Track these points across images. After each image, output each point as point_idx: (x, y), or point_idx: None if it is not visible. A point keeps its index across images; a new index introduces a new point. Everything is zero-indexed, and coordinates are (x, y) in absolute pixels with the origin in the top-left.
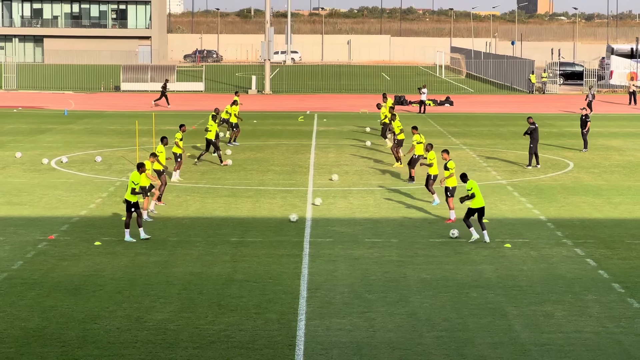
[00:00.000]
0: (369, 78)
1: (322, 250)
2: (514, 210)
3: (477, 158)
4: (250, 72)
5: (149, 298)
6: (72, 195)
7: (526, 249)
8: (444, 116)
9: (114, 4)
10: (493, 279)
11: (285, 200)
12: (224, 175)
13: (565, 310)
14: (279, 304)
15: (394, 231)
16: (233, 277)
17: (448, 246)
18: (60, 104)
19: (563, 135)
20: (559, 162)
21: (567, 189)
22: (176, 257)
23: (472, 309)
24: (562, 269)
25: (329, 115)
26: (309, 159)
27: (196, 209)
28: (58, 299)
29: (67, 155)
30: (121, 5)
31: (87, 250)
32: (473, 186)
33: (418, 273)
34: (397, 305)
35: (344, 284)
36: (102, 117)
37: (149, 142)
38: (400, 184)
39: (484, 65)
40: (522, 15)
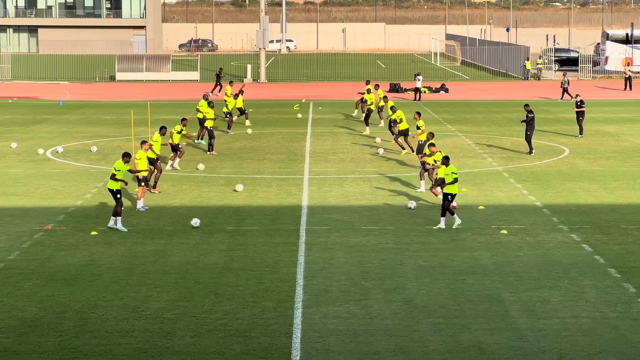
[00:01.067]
0: (364, 66)
1: (318, 238)
2: (510, 197)
3: (472, 145)
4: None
5: (145, 287)
6: (68, 185)
7: (522, 235)
8: (440, 103)
9: None
10: (489, 265)
11: (281, 189)
12: (219, 164)
13: (562, 296)
14: (275, 292)
15: (390, 218)
16: (229, 265)
17: (444, 233)
18: (56, 94)
19: (558, 121)
20: (554, 148)
21: (562, 175)
22: (172, 246)
23: (469, 295)
24: (558, 254)
25: (324, 103)
26: (304, 147)
27: (192, 198)
28: (55, 288)
29: (62, 145)
30: None
31: (83, 240)
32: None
33: (415, 260)
34: (394, 292)
35: (341, 271)
36: (98, 107)
37: (145, 132)
38: (396, 172)
39: (479, 52)
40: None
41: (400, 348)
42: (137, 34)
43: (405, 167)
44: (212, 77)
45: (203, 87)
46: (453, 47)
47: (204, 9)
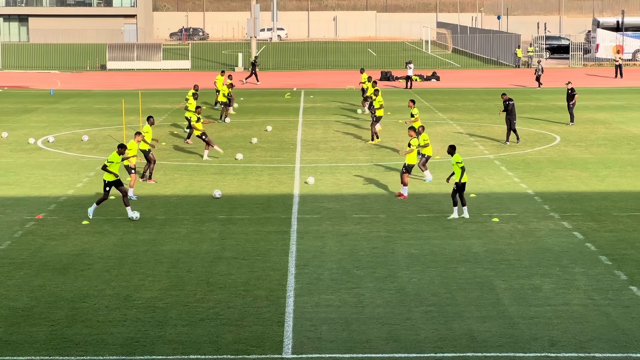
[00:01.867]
0: (355, 54)
1: (310, 226)
2: (501, 185)
3: (464, 133)
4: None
5: (137, 276)
6: (59, 175)
7: (514, 223)
8: (431, 91)
9: None
10: (481, 253)
11: (272, 177)
12: (211, 153)
13: (553, 284)
14: (267, 281)
15: (382, 207)
16: (221, 254)
17: (436, 221)
18: (46, 84)
19: (549, 109)
20: (545, 135)
21: (554, 162)
22: (164, 235)
23: (461, 283)
24: (549, 242)
25: (315, 92)
26: (296, 135)
27: (184, 187)
28: (46, 278)
29: (53, 134)
30: None
31: (74, 230)
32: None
33: (406, 248)
34: (386, 280)
35: (332, 260)
36: (89, 96)
37: (136, 121)
38: (387, 160)
39: (470, 40)
40: None
41: (392, 336)
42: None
43: (397, 156)
44: (203, 66)
45: (194, 76)
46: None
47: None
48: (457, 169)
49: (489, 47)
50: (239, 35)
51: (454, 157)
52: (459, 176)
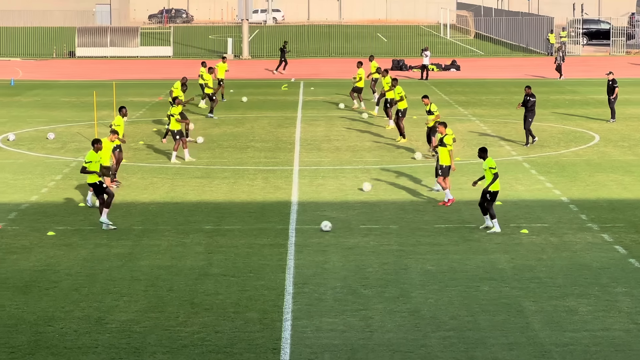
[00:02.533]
0: (362, 40)
1: (310, 239)
2: (531, 191)
3: (488, 131)
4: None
5: (111, 296)
6: (21, 179)
7: (545, 235)
8: (450, 83)
9: None
10: (508, 270)
11: (267, 182)
12: (196, 153)
13: (591, 305)
14: (260, 302)
15: (393, 216)
16: (208, 271)
17: (456, 233)
18: (6, 73)
19: (587, 103)
20: (582, 134)
21: (592, 165)
22: (142, 249)
23: (484, 304)
24: (587, 257)
25: (316, 83)
26: (294, 133)
27: (164, 193)
28: (6, 297)
29: (14, 132)
30: None
31: (38, 242)
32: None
33: (421, 264)
34: (398, 301)
35: (336, 277)
36: (55, 88)
37: (109, 116)
38: (400, 162)
39: (496, 24)
40: None
41: None
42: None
43: (410, 158)
44: (187, 53)
45: (176, 64)
46: (465, 18)
47: None
48: (489, 175)
49: (517, 32)
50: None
51: (486, 162)
52: (488, 183)
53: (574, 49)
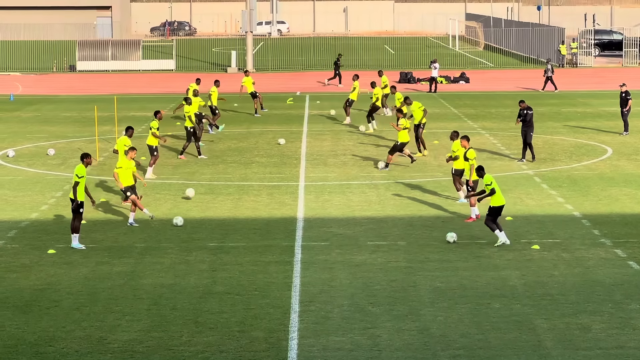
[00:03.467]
0: (369, 52)
1: (316, 255)
2: (542, 206)
3: (498, 145)
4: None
5: (113, 315)
6: (21, 195)
7: (557, 251)
8: (459, 95)
9: None
10: (519, 286)
11: (272, 198)
12: (199, 169)
13: (605, 323)
14: (266, 320)
15: (401, 232)
16: (212, 289)
17: (465, 249)
18: (5, 88)
19: (599, 115)
20: (594, 147)
21: (604, 179)
22: (144, 267)
23: (495, 322)
24: (600, 273)
25: (322, 97)
26: (299, 148)
27: (168, 210)
28: (5, 317)
29: (13, 148)
30: None
31: (39, 260)
32: (492, 181)
33: (430, 281)
34: (406, 319)
35: (343, 295)
36: (55, 103)
37: (111, 132)
38: (408, 177)
39: (505, 35)
40: None
41: None
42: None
43: (419, 172)
44: (190, 66)
45: (179, 78)
46: (474, 29)
47: None
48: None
49: (528, 43)
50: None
51: (484, 179)
52: (494, 198)
53: (585, 61)
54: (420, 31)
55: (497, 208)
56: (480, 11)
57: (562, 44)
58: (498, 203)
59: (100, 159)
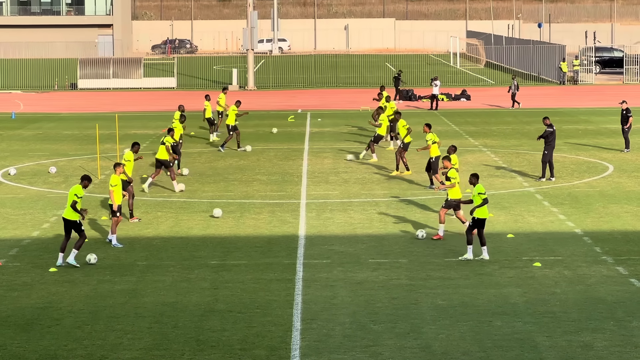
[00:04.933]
0: (370, 69)
1: (318, 273)
2: (544, 223)
3: (499, 162)
4: (231, 65)
5: (114, 333)
6: (22, 214)
7: (559, 268)
8: (460, 113)
9: None
10: (520, 304)
11: (273, 216)
12: (201, 187)
13: (607, 340)
14: (268, 338)
15: (402, 250)
16: (213, 307)
17: (467, 267)
18: (7, 106)
19: (600, 133)
20: (596, 164)
21: (606, 196)
22: (146, 285)
23: (497, 340)
24: (602, 291)
25: (324, 114)
26: (301, 166)
27: (169, 227)
28: (7, 336)
29: (15, 166)
30: None
31: (40, 279)
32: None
33: (432, 299)
34: (408, 337)
35: (345, 312)
36: (57, 121)
37: (112, 149)
38: (409, 195)
39: (506, 52)
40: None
41: None
42: (102, 34)
43: (420, 190)
44: (191, 84)
45: (181, 95)
46: (475, 47)
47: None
48: (478, 200)
49: (529, 61)
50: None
51: (476, 188)
52: (479, 209)
53: (586, 78)
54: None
55: (481, 220)
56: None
57: (563, 61)
58: (482, 215)
59: (101, 177)
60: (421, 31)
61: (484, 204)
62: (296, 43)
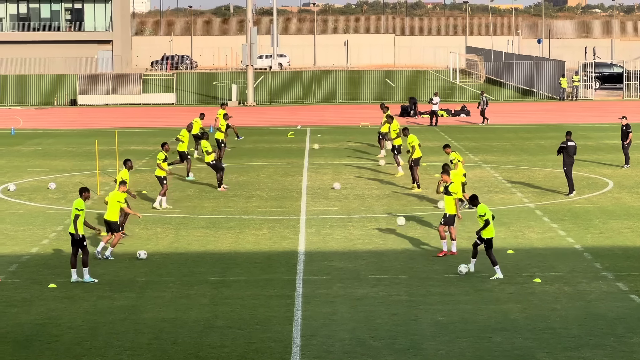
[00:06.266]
0: (370, 85)
1: (318, 289)
2: (544, 239)
3: (499, 178)
4: (230, 81)
5: (114, 350)
6: (22, 230)
7: (559, 284)
8: (460, 129)
9: (68, 3)
10: (520, 320)
11: (273, 232)
12: (200, 203)
13: (607, 357)
14: (267, 355)
15: (402, 266)
16: (213, 323)
17: (467, 282)
18: (6, 122)
19: (600, 149)
20: (596, 180)
21: (606, 212)
22: (145, 301)
23: (497, 356)
24: (602, 307)
25: (323, 130)
26: (300, 182)
27: (168, 243)
28: (6, 352)
29: (14, 182)
30: (77, 4)
31: (39, 295)
32: (487, 212)
33: (432, 315)
34: (408, 353)
35: (345, 329)
36: (56, 137)
37: (112, 165)
38: (409, 210)
39: (506, 68)
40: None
41: None
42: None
43: (420, 205)
44: (191, 100)
45: (180, 111)
46: (475, 63)
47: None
48: (480, 222)
49: (528, 76)
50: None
51: (478, 209)
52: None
53: (586, 93)
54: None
55: (488, 240)
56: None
57: (562, 76)
58: (488, 235)
59: (101, 193)
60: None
61: (486, 226)
62: (296, 59)
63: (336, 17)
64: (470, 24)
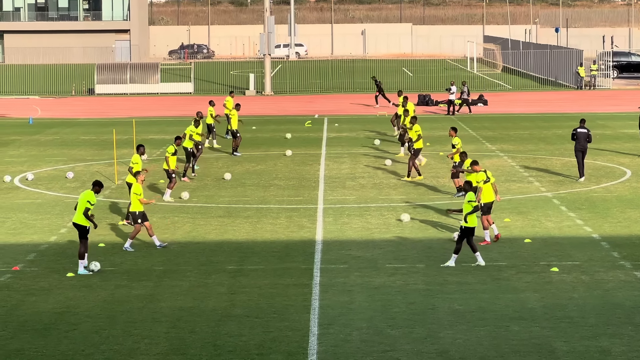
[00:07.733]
0: (387, 74)
1: (335, 278)
2: (561, 228)
3: (516, 167)
4: (248, 70)
5: (131, 338)
6: (40, 219)
7: (577, 274)
8: (477, 118)
9: None
10: (538, 309)
11: (290, 221)
12: (218, 192)
13: (625, 346)
14: (285, 343)
15: (419, 255)
16: (230, 312)
17: (484, 272)
18: (25, 111)
19: (618, 138)
20: (613, 169)
21: (623, 201)
22: (163, 290)
23: (514, 345)
24: (619, 296)
25: (340, 119)
26: (318, 171)
27: (186, 233)
28: (25, 341)
29: (33, 171)
30: None
31: (58, 283)
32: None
33: (449, 304)
34: (425, 342)
35: (362, 318)
36: (74, 126)
37: (129, 154)
38: (427, 199)
39: (524, 57)
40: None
41: None
42: (119, 39)
43: (438, 194)
44: (208, 89)
45: (197, 101)
46: (492, 52)
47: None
48: (468, 208)
49: (546, 65)
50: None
51: (468, 195)
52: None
53: (604, 82)
54: (438, 53)
55: (470, 229)
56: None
57: (580, 65)
58: (471, 224)
59: (118, 182)
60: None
61: (474, 211)
62: (313, 48)
63: (353, 7)
64: (487, 13)
